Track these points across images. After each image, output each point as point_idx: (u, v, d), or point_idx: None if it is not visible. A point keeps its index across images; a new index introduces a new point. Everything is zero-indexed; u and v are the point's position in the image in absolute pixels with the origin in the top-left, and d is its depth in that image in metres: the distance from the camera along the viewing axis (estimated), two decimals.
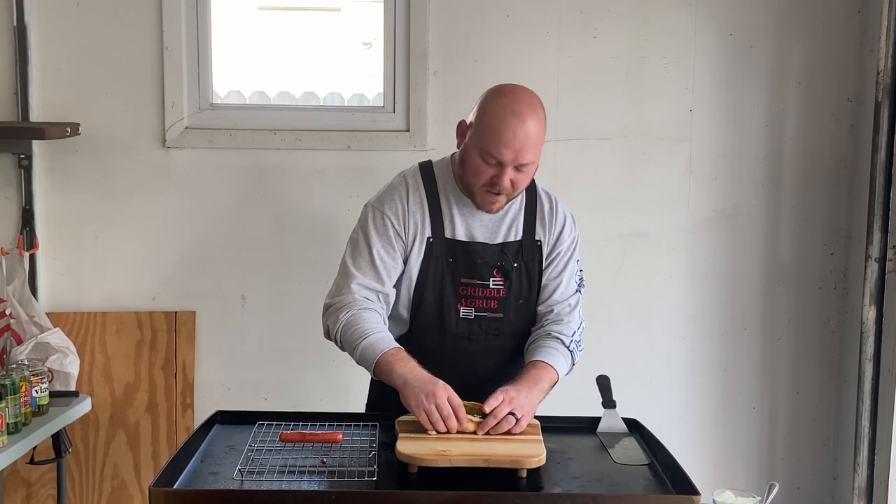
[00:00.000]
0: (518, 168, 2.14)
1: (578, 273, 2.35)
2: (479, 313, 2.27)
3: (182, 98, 3.25)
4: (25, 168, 3.20)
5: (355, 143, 3.28)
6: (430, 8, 3.24)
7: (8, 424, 2.60)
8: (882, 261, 3.09)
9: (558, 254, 2.31)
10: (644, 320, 3.41)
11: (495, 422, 1.99)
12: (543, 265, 2.30)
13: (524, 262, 2.28)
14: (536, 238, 2.29)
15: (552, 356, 2.21)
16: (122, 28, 3.22)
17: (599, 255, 3.34)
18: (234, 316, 3.34)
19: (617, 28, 3.29)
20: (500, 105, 2.13)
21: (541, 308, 2.31)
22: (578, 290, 2.34)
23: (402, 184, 2.28)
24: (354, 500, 1.75)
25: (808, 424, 3.47)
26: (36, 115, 3.23)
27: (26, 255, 3.19)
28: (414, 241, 2.24)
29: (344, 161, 3.29)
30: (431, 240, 2.23)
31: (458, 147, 2.26)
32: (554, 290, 2.30)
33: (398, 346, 2.14)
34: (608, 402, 2.23)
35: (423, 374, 2.06)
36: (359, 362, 2.17)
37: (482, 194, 2.19)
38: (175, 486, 1.78)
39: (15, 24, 3.17)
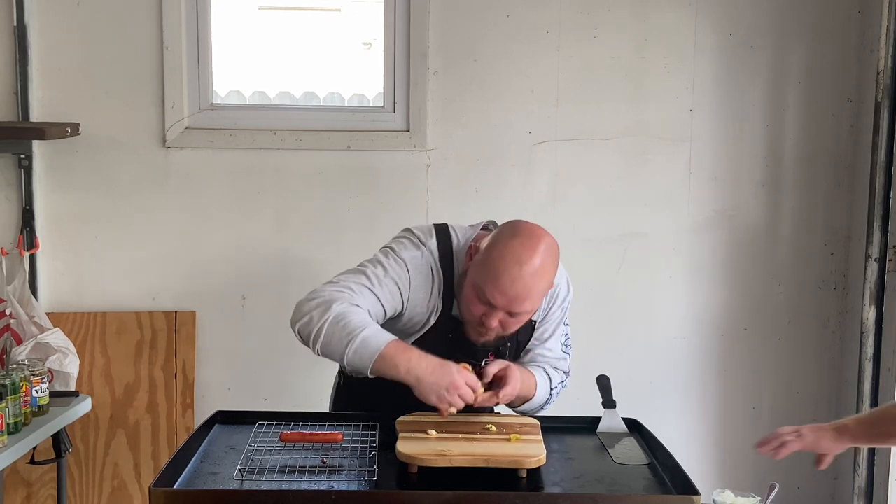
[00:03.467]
0: (511, 314, 2.07)
1: (566, 336, 2.32)
2: None
3: (182, 98, 3.25)
4: (25, 168, 3.20)
5: (355, 143, 3.28)
6: (430, 8, 3.24)
7: (8, 424, 2.60)
8: (882, 261, 3.09)
9: (547, 321, 2.26)
10: (644, 320, 3.41)
11: (500, 369, 2.04)
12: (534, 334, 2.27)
13: (517, 340, 2.24)
14: (532, 318, 2.23)
15: (538, 373, 2.21)
16: (122, 28, 3.22)
17: (599, 255, 3.34)
18: (234, 316, 3.34)
19: (617, 28, 3.29)
20: (510, 247, 2.02)
21: (526, 361, 2.29)
22: (565, 354, 2.31)
23: (427, 265, 2.16)
24: (354, 500, 1.75)
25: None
26: (36, 115, 3.23)
27: (26, 255, 3.19)
28: (426, 319, 2.17)
29: (344, 161, 3.29)
30: (439, 315, 2.17)
31: (465, 266, 2.16)
32: (541, 353, 2.27)
33: (395, 337, 2.04)
34: (608, 402, 2.23)
35: (432, 364, 1.99)
36: (351, 357, 2.00)
37: (472, 327, 2.12)
38: (175, 486, 1.78)
39: (15, 24, 3.16)
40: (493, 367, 2.07)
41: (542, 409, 2.26)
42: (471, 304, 2.07)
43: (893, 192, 3.07)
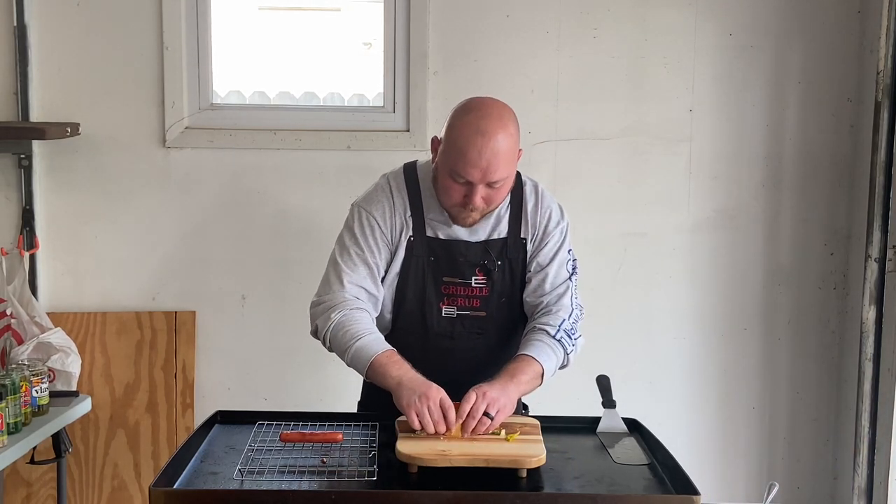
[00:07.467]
0: (490, 185, 2.11)
1: (571, 262, 2.32)
2: (462, 312, 2.26)
3: (182, 98, 3.25)
4: (25, 168, 3.20)
5: (355, 143, 3.28)
6: (430, 8, 3.24)
7: (8, 424, 2.60)
8: (882, 261, 3.09)
9: (546, 245, 2.28)
10: (644, 320, 3.41)
11: (474, 422, 1.98)
12: (528, 260, 2.28)
13: (508, 259, 2.26)
14: (522, 236, 2.28)
15: (536, 348, 2.19)
16: (122, 28, 3.22)
17: (599, 255, 3.34)
18: (234, 316, 3.34)
19: (617, 28, 3.29)
20: (466, 123, 2.10)
21: (531, 300, 2.28)
22: (570, 278, 2.30)
23: (386, 185, 2.27)
24: (354, 500, 1.75)
25: (808, 424, 3.47)
26: (36, 115, 3.23)
27: (26, 255, 3.19)
28: (398, 241, 2.24)
29: (344, 161, 3.29)
30: (412, 238, 2.23)
31: (432, 163, 2.23)
32: (542, 282, 2.28)
33: (392, 348, 2.12)
34: (608, 402, 2.24)
35: (418, 377, 2.05)
36: (350, 363, 2.15)
37: (456, 211, 2.17)
38: (175, 486, 1.79)
39: (15, 24, 3.17)
40: (465, 406, 2.00)
41: (567, 361, 2.25)
42: (450, 190, 2.14)
43: (893, 192, 3.07)
